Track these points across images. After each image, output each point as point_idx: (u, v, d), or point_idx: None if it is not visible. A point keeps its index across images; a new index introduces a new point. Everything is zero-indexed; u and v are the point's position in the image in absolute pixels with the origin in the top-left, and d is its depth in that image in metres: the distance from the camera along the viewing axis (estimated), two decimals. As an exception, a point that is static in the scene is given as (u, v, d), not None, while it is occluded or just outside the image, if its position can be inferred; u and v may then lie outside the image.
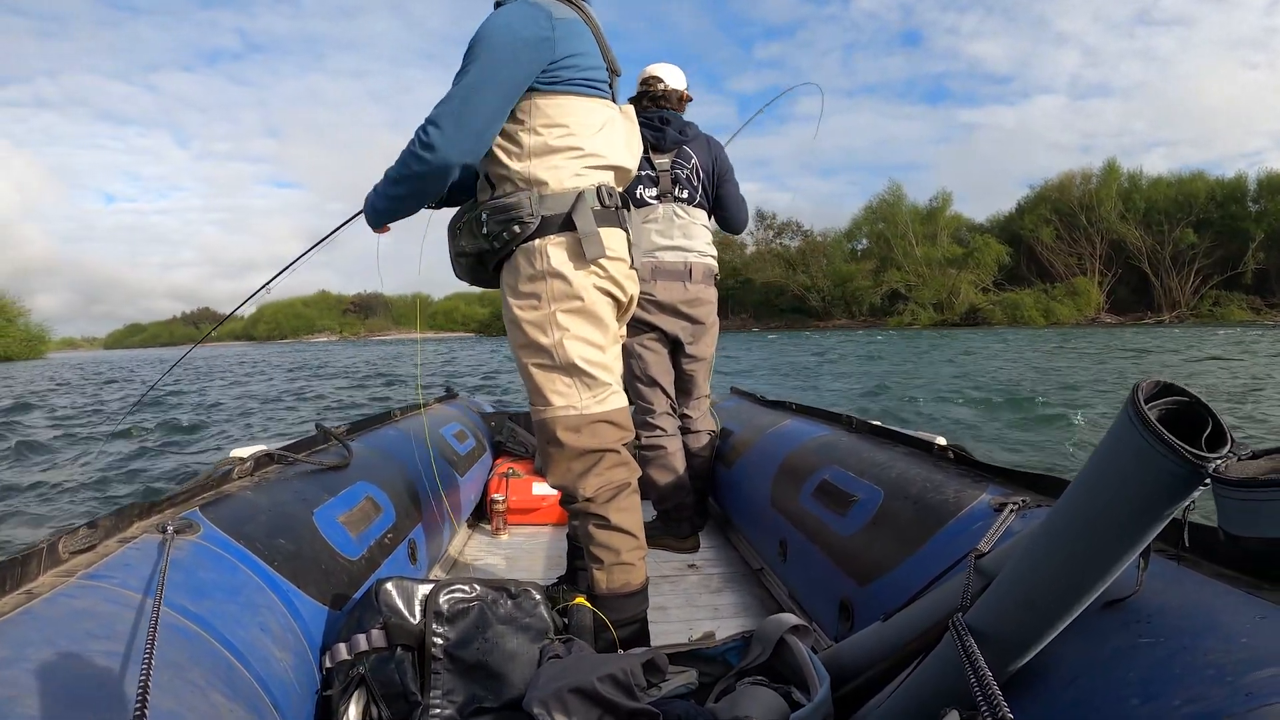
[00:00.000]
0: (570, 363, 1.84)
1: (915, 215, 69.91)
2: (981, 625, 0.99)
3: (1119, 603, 1.00)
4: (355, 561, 1.80)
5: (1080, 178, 65.98)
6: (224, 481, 1.77)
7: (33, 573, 1.13)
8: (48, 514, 5.54)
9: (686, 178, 3.09)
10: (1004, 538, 1.27)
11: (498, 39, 1.71)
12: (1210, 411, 0.76)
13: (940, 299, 64.93)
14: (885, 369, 18.71)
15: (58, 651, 0.94)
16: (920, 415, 9.63)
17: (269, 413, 12.52)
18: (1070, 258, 64.01)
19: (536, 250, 1.81)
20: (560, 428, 1.87)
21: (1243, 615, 0.90)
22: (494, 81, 1.70)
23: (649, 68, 3.22)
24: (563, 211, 1.80)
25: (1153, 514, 0.79)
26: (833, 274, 72.19)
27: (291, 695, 1.32)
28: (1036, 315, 59.00)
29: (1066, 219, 64.40)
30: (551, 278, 1.81)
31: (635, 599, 1.92)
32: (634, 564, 1.93)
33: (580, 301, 1.83)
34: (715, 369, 3.41)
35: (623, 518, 1.92)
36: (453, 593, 1.54)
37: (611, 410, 1.91)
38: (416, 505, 2.37)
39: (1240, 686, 0.78)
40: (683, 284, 3.07)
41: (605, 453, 1.90)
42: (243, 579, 1.41)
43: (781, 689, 1.33)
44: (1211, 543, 1.05)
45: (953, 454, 1.91)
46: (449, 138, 1.68)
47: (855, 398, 12.09)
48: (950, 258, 66.43)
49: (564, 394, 1.87)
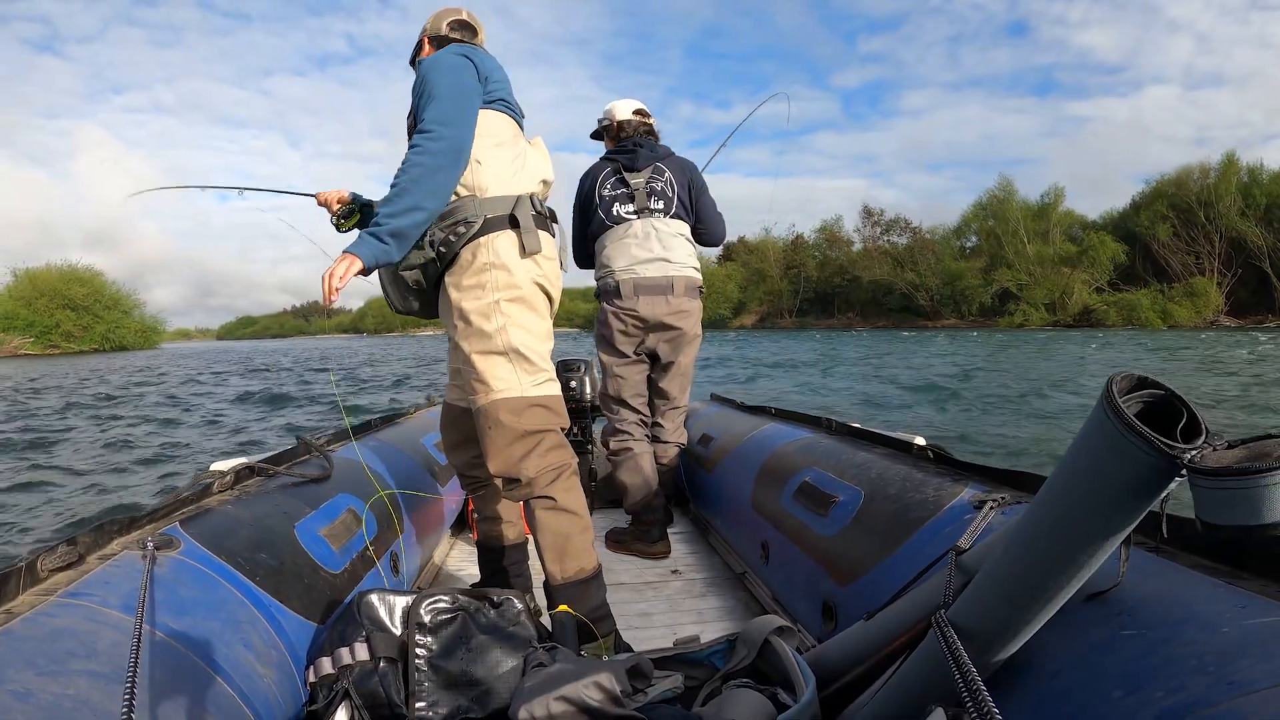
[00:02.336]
0: (512, 347, 1.96)
1: (1026, 212, 67.62)
2: (964, 621, 1.00)
3: (1100, 595, 1.01)
4: (338, 575, 1.79)
5: (1198, 172, 61.87)
6: (204, 496, 1.76)
7: (11, 592, 1.12)
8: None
9: (661, 189, 3.12)
10: (984, 534, 1.28)
11: (448, 59, 1.98)
12: (1185, 403, 0.78)
13: (1053, 299, 62.45)
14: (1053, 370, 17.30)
15: (38, 672, 0.93)
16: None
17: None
18: (1188, 256, 60.62)
19: (482, 245, 1.95)
20: (502, 410, 1.95)
21: (1223, 605, 0.91)
22: (467, 88, 1.95)
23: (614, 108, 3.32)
24: (505, 211, 1.98)
25: (1130, 506, 0.80)
26: (941, 272, 70.24)
27: (276, 711, 1.31)
28: (1154, 317, 56.27)
29: (1183, 216, 60.85)
30: (495, 269, 1.95)
31: (592, 585, 2.00)
32: (584, 548, 2.01)
33: (520, 290, 1.97)
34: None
35: (568, 498, 2.00)
36: (435, 603, 1.53)
37: (548, 395, 2.02)
38: (398, 517, 2.36)
39: (1222, 676, 0.80)
40: (665, 298, 3.08)
41: (544, 433, 1.99)
42: (224, 595, 1.39)
43: (767, 691, 1.33)
44: (1190, 534, 1.07)
45: (932, 453, 1.93)
46: (459, 130, 1.90)
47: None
48: (1064, 256, 64.11)
49: (504, 378, 1.96)
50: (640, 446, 3.17)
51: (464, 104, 1.93)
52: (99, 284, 68.71)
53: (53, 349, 60.48)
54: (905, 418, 10.48)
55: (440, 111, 1.89)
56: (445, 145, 1.87)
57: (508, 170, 2.02)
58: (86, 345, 64.12)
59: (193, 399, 15.56)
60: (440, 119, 1.88)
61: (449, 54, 2.01)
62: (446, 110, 1.89)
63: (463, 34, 2.21)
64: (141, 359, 42.37)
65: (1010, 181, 70.59)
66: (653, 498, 3.14)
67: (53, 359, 49.02)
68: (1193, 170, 62.07)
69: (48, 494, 6.55)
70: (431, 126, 1.88)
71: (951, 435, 8.72)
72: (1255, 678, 0.77)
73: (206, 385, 19.53)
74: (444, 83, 1.93)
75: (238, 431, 10.55)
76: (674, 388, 3.25)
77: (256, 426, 11.14)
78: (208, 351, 65.76)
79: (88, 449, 9.08)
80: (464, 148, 1.91)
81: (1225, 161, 60.33)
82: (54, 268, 67.44)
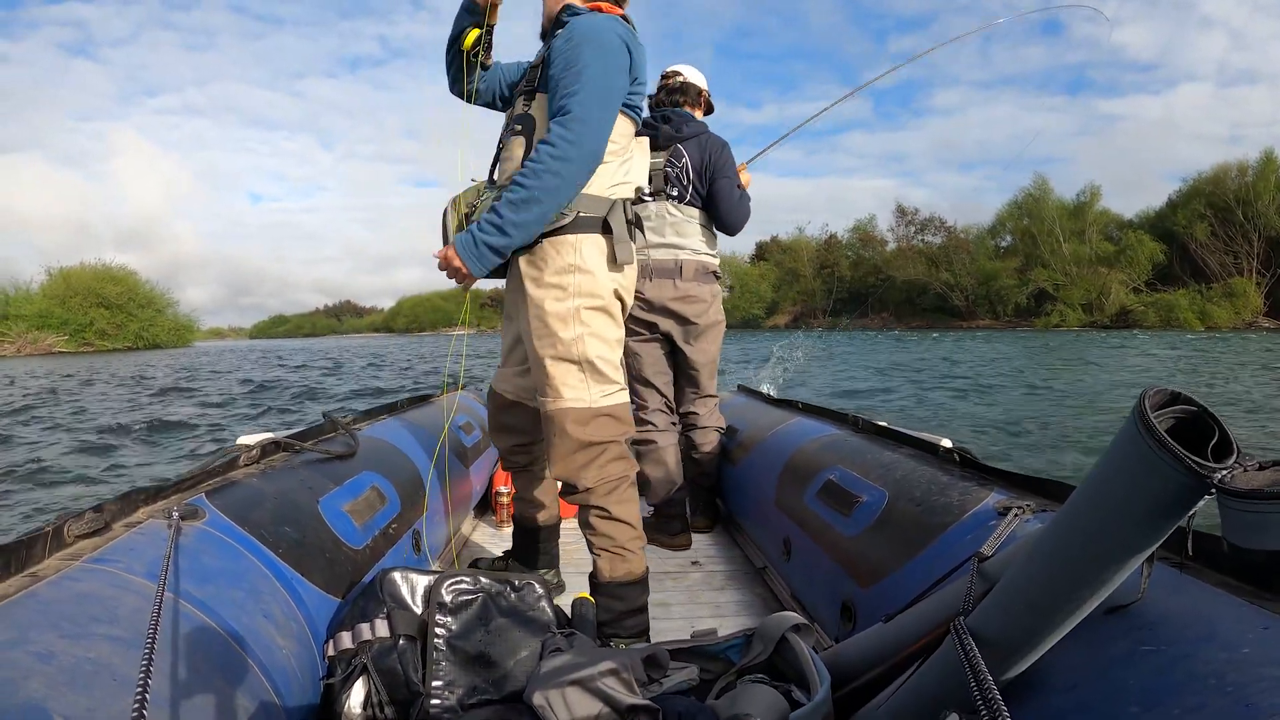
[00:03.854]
0: (587, 358, 1.91)
1: (1062, 211, 66.08)
2: (983, 629, 0.99)
3: (1122, 609, 1.00)
4: (359, 551, 1.81)
5: (1236, 170, 60.02)
6: (230, 469, 1.78)
7: (38, 555, 1.14)
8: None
9: (677, 176, 3.08)
10: (1008, 542, 1.27)
11: (609, 36, 1.80)
12: (1218, 421, 0.76)
13: (1090, 299, 60.84)
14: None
15: (61, 634, 0.95)
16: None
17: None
18: (1225, 256, 58.79)
19: (569, 244, 1.87)
20: (569, 420, 1.92)
21: (1245, 625, 0.90)
22: (615, 87, 1.81)
23: (672, 67, 3.23)
24: (600, 214, 1.89)
25: (1157, 522, 0.79)
26: (976, 272, 68.55)
27: (294, 682, 1.32)
28: (1192, 318, 54.21)
29: (1221, 215, 59.02)
30: (580, 273, 1.88)
31: (636, 588, 1.99)
32: (635, 553, 2.00)
33: (602, 300, 1.92)
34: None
35: (622, 509, 1.99)
36: (456, 584, 1.55)
37: (616, 405, 1.98)
38: (421, 496, 2.37)
39: (1241, 697, 0.78)
40: (673, 281, 3.07)
41: (607, 445, 1.96)
42: (247, 566, 1.41)
43: (782, 687, 1.33)
44: (1216, 552, 1.05)
45: (958, 457, 1.91)
46: (597, 124, 1.77)
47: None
48: (1101, 256, 62.40)
49: (575, 387, 1.92)
50: (664, 439, 3.16)
51: (610, 104, 1.81)
52: (132, 283, 69.79)
53: (86, 347, 61.50)
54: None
55: (587, 108, 1.75)
56: (582, 153, 1.75)
57: (615, 174, 1.92)
58: (120, 343, 65.04)
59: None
60: (585, 117, 1.74)
61: (613, 31, 1.83)
62: (593, 109, 1.75)
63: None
64: (183, 357, 43.45)
65: (1045, 180, 69.10)
66: (676, 491, 3.13)
67: (88, 357, 49.97)
68: (1230, 168, 60.44)
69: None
70: (574, 126, 1.74)
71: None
72: (1274, 700, 0.75)
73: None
74: (598, 71, 1.77)
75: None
76: (701, 376, 3.24)
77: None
78: (249, 349, 67.12)
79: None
80: (600, 154, 1.80)
81: (1263, 159, 58.48)
82: (88, 267, 68.72)
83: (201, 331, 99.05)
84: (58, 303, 62.74)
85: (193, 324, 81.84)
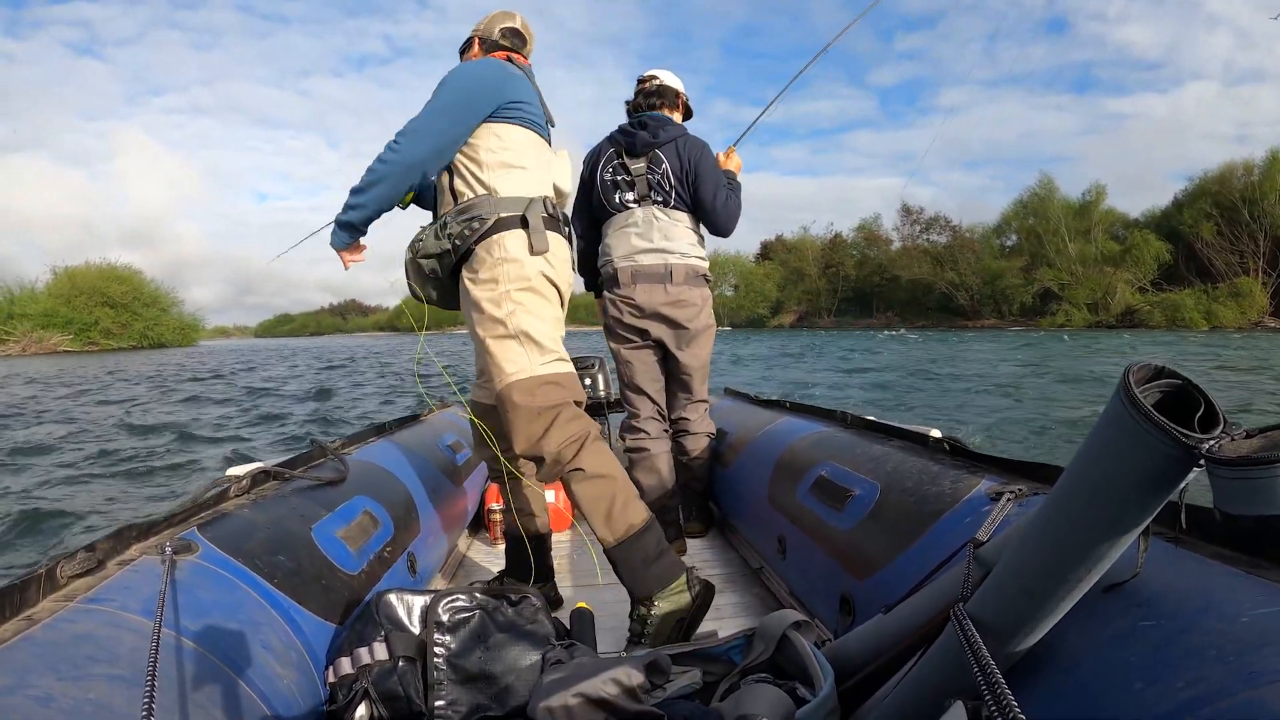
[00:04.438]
0: (522, 330, 2.08)
1: (1068, 210, 65.90)
2: (982, 614, 0.99)
3: (1119, 586, 1.00)
4: (355, 576, 1.80)
5: (1242, 169, 59.67)
6: (221, 500, 1.77)
7: (32, 599, 1.13)
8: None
9: (658, 182, 3.06)
10: (1002, 526, 1.28)
11: (456, 80, 2.13)
12: (1203, 393, 0.77)
13: (1095, 299, 60.80)
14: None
15: (59, 677, 0.94)
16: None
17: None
18: (1231, 256, 58.42)
19: (495, 242, 2.09)
20: (516, 391, 2.06)
21: (1242, 595, 0.90)
22: (448, 110, 2.09)
23: (649, 71, 3.24)
24: (517, 212, 2.11)
25: (1148, 497, 0.80)
26: (981, 271, 68.89)
27: (296, 712, 1.31)
28: (1198, 318, 54.13)
29: (1227, 214, 58.74)
30: (507, 263, 2.09)
31: (647, 537, 2.05)
32: (627, 504, 2.08)
33: (529, 281, 2.10)
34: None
35: (596, 461, 2.10)
36: (453, 602, 1.54)
37: (559, 373, 2.13)
38: (414, 517, 2.37)
39: (1242, 666, 0.79)
40: (663, 286, 3.05)
41: (560, 407, 2.08)
42: (243, 597, 1.40)
43: (786, 685, 1.33)
44: (1210, 523, 1.06)
45: (948, 446, 1.92)
46: (414, 145, 2.05)
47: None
48: (1106, 255, 62.35)
49: (515, 360, 2.08)
50: (656, 446, 3.15)
51: (448, 119, 2.09)
52: (137, 282, 70.02)
53: (91, 346, 61.51)
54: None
55: (415, 122, 2.07)
56: (398, 159, 2.04)
57: (523, 176, 2.16)
58: (125, 342, 65.22)
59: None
60: (409, 129, 2.06)
61: (476, 66, 2.18)
62: (421, 123, 2.07)
63: (513, 41, 2.35)
64: (184, 356, 43.33)
65: (1051, 179, 69.23)
66: (668, 498, 3.13)
67: (92, 355, 49.84)
68: (1236, 167, 60.31)
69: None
70: (397, 136, 2.06)
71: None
72: (1275, 667, 0.76)
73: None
74: (443, 96, 2.10)
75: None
76: (693, 381, 3.22)
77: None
78: (250, 349, 67.25)
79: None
80: (418, 162, 2.06)
81: (1270, 158, 58.25)
82: (92, 266, 68.77)
83: (206, 330, 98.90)
84: (63, 302, 62.88)
85: (198, 323, 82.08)
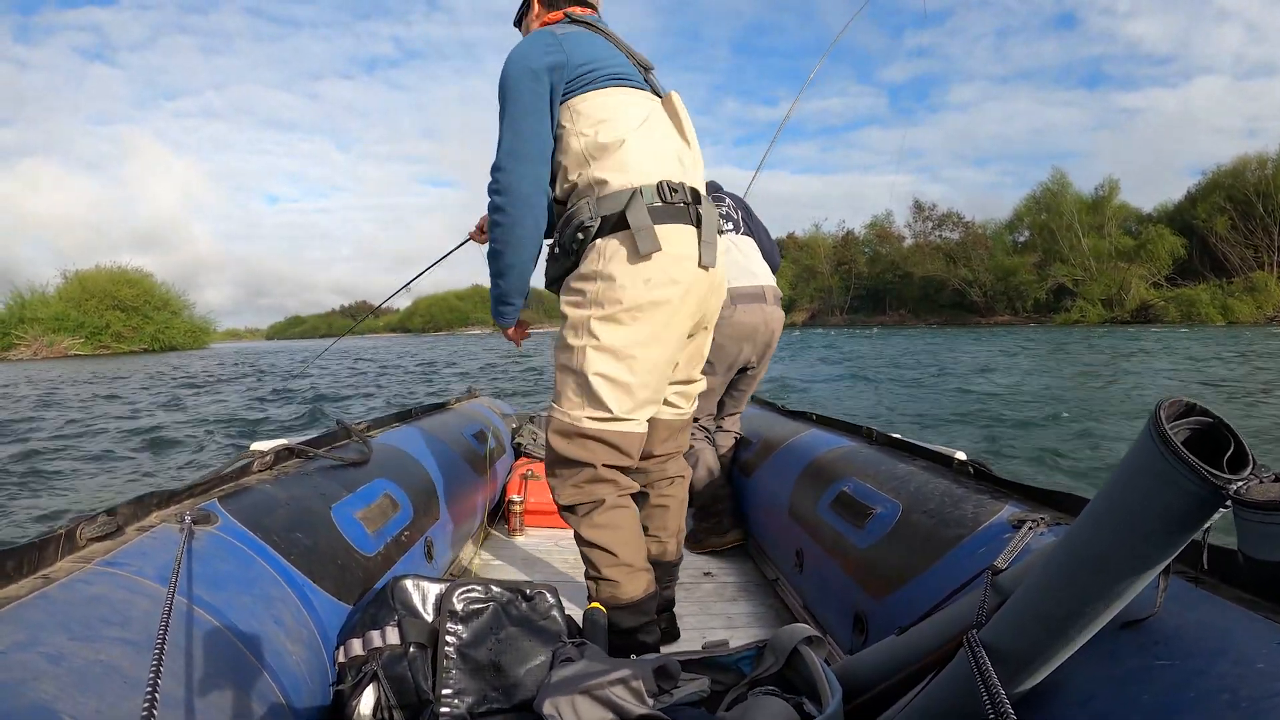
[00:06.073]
0: (583, 372, 1.81)
1: (1081, 205, 65.28)
2: (996, 642, 0.98)
3: (1136, 624, 0.99)
4: (371, 558, 1.81)
5: (1255, 163, 59.17)
6: (243, 474, 1.79)
7: (50, 558, 1.15)
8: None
9: (727, 213, 3.22)
10: (1021, 555, 1.26)
11: (514, 71, 1.82)
12: (1233, 433, 0.75)
13: (1110, 295, 60.08)
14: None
15: (71, 636, 0.96)
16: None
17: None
18: (1246, 250, 57.92)
19: (595, 250, 1.80)
20: (553, 429, 1.89)
21: (1260, 640, 0.88)
22: (528, 109, 1.80)
23: None
24: (618, 209, 1.77)
25: (1172, 535, 0.78)
26: (995, 267, 68.20)
27: (303, 689, 1.32)
28: (1214, 313, 53.49)
29: (1241, 208, 58.31)
30: (601, 279, 1.78)
31: (625, 612, 1.88)
32: (616, 580, 1.90)
33: (620, 306, 1.77)
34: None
35: (596, 534, 1.90)
36: (468, 593, 1.54)
37: (605, 432, 1.84)
38: (434, 504, 2.38)
39: (1256, 713, 0.77)
40: (760, 306, 3.12)
41: (584, 467, 1.87)
42: (259, 571, 1.42)
43: (793, 700, 1.32)
44: (1231, 565, 1.04)
45: (972, 469, 1.89)
46: (517, 172, 1.81)
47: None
48: (1120, 250, 61.69)
49: (569, 399, 1.85)
50: (699, 444, 3.23)
51: (529, 130, 1.80)
52: (148, 285, 70.13)
53: (102, 349, 61.80)
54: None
55: (501, 151, 1.82)
56: (509, 200, 1.81)
57: (625, 156, 1.80)
58: (136, 345, 65.28)
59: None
60: (500, 163, 1.82)
61: (519, 51, 1.84)
62: (508, 145, 1.81)
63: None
64: (197, 359, 43.78)
65: (1064, 174, 68.60)
66: (718, 488, 3.21)
67: (104, 359, 50.26)
68: (1250, 161, 59.60)
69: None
70: (493, 173, 1.83)
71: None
72: None
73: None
74: (507, 104, 1.82)
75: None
76: (750, 390, 3.36)
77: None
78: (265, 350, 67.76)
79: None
80: (530, 187, 1.81)
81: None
82: (103, 269, 69.14)
83: (218, 333, 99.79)
84: (73, 305, 63.11)
85: (209, 326, 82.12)
